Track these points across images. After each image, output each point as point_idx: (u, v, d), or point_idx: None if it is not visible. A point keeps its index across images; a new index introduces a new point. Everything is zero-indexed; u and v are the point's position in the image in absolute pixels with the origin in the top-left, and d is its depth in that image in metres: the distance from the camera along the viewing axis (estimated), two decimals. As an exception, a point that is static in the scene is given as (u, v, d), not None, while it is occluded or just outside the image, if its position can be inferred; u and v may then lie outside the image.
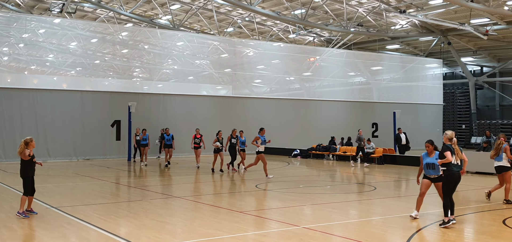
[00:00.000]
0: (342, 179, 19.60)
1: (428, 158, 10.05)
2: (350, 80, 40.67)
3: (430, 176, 10.13)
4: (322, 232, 9.31)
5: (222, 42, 35.37)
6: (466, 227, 9.65)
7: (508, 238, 8.65)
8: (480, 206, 12.02)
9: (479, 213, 11.26)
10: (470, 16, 32.08)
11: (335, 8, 33.62)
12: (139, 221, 10.21)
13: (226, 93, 34.59)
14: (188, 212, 11.73)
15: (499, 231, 9.13)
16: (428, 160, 10.05)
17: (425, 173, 10.21)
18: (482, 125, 42.06)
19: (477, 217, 10.93)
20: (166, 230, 9.41)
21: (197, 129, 21.88)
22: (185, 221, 10.57)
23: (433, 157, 9.97)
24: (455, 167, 9.56)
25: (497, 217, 10.47)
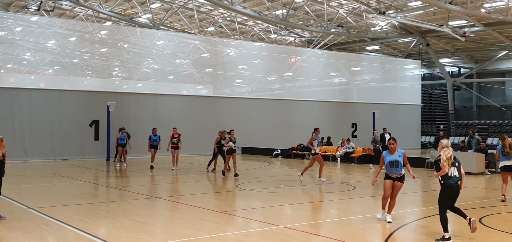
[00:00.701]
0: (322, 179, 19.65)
1: (391, 156, 9.81)
2: (331, 81, 40.91)
3: (392, 175, 9.86)
4: (302, 231, 9.33)
5: (203, 41, 35.24)
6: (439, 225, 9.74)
7: (485, 236, 8.78)
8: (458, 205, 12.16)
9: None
10: (448, 18, 32.53)
11: (316, 9, 33.78)
12: (118, 221, 10.11)
13: (207, 93, 34.47)
14: (168, 212, 11.65)
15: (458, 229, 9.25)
16: (391, 158, 9.80)
17: (387, 172, 9.90)
18: (459, 125, 42.70)
19: (454, 216, 11.06)
20: (146, 230, 9.32)
21: (174, 128, 21.19)
22: (164, 221, 10.49)
23: (396, 154, 9.79)
24: (451, 179, 8.61)
25: (474, 216, 10.60)
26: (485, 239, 8.62)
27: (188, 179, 18.21)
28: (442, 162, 8.51)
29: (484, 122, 41.98)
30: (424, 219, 10.55)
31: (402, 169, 9.83)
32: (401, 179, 9.86)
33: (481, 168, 19.81)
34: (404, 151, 9.91)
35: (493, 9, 30.49)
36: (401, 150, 9.86)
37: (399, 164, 9.78)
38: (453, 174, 8.62)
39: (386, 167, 9.86)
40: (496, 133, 40.17)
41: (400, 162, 9.78)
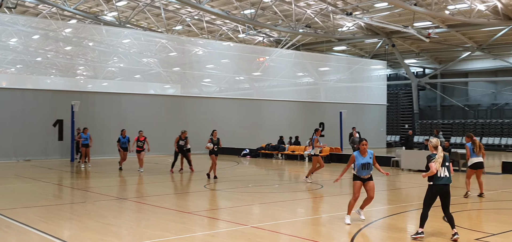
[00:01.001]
0: (290, 178, 19.77)
1: (362, 158, 9.66)
2: (299, 81, 41.16)
3: (363, 177, 9.78)
4: (270, 230, 9.33)
5: (170, 40, 34.90)
6: (408, 223, 9.93)
7: (448, 233, 8.96)
8: (421, 204, 12.39)
9: (421, 210, 11.59)
10: (414, 19, 33.16)
11: (284, 9, 33.92)
12: (83, 223, 9.90)
13: (175, 93, 34.17)
14: (134, 213, 11.48)
15: (439, 227, 9.44)
16: (363, 160, 9.65)
17: (357, 174, 9.73)
18: (424, 124, 43.61)
19: (419, 213, 11.25)
20: (111, 232, 9.16)
21: (140, 131, 20.68)
22: (130, 223, 10.33)
23: (367, 156, 9.68)
24: (441, 180, 8.42)
25: (438, 214, 10.82)
26: (449, 235, 8.78)
27: (155, 180, 17.99)
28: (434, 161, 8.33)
29: (448, 121, 42.98)
30: (390, 217, 10.71)
31: (371, 169, 9.82)
32: (371, 178, 9.87)
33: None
34: (373, 152, 9.90)
35: (456, 11, 31.24)
36: (371, 151, 9.83)
37: (370, 166, 9.74)
38: (443, 174, 8.42)
39: (358, 169, 9.71)
40: (459, 132, 41.23)
41: (371, 164, 9.75)
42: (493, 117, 40.60)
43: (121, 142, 21.24)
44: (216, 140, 17.49)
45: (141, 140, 20.23)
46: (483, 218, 10.90)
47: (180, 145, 19.80)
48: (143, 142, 20.21)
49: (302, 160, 27.21)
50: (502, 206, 12.66)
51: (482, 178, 13.54)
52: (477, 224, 9.98)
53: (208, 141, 17.48)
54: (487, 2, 30.62)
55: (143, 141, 20.22)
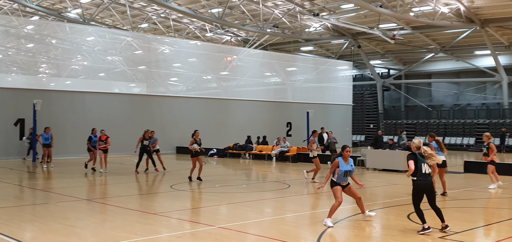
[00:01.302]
0: (257, 178, 19.76)
1: (345, 165, 9.60)
2: (266, 81, 41.24)
3: (343, 183, 9.71)
4: (237, 231, 9.28)
5: (136, 38, 34.38)
6: (374, 222, 10.03)
7: (413, 232, 9.09)
8: (386, 202, 12.58)
9: (386, 208, 11.77)
10: (379, 21, 33.66)
11: (252, 8, 33.91)
12: (45, 225, 9.63)
13: (140, 92, 33.72)
14: (98, 215, 11.24)
15: (404, 226, 9.58)
16: (345, 167, 9.59)
17: (338, 180, 9.65)
18: (388, 124, 44.34)
19: (384, 212, 11.42)
20: (75, 234, 8.95)
21: (102, 130, 20.02)
22: (94, 224, 10.11)
23: (349, 163, 9.65)
24: (424, 177, 8.68)
25: (403, 212, 10.99)
26: (414, 234, 8.91)
27: (120, 180, 17.67)
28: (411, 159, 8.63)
29: (412, 121, 43.82)
30: (356, 215, 10.79)
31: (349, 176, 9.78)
32: (349, 183, 9.86)
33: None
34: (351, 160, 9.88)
35: (421, 13, 31.86)
36: (351, 158, 9.86)
37: (351, 174, 9.73)
38: (427, 171, 8.71)
39: (339, 176, 9.61)
40: (423, 132, 42.06)
41: (352, 172, 9.72)
42: (456, 118, 41.61)
43: (93, 141, 20.17)
44: (199, 141, 16.80)
45: (103, 139, 19.58)
46: (446, 216, 11.08)
47: (144, 145, 19.45)
48: (105, 141, 19.53)
49: (270, 160, 27.25)
50: (465, 205, 12.95)
51: (445, 177, 13.83)
52: (440, 222, 10.15)
53: (191, 142, 16.69)
54: (450, 4, 31.35)
55: (104, 140, 19.55)
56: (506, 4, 30.54)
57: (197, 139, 16.73)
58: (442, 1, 30.75)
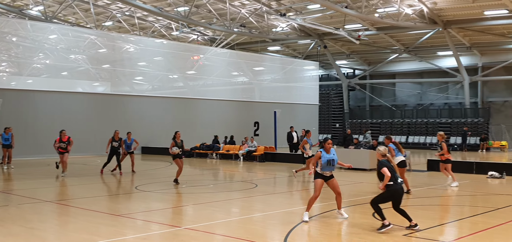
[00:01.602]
0: (225, 178, 19.68)
1: (328, 155, 9.80)
2: (234, 80, 41.16)
3: (327, 173, 9.92)
4: (204, 231, 9.19)
5: (99, 36, 33.73)
6: (340, 220, 10.10)
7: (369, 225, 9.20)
8: (352, 200, 12.71)
9: (352, 206, 11.89)
10: (344, 22, 34.05)
11: (219, 7, 33.77)
12: (5, 228, 9.32)
13: (104, 91, 33.14)
14: (61, 217, 10.97)
15: (370, 224, 9.68)
16: (328, 156, 9.78)
17: (322, 170, 9.85)
18: (354, 123, 44.92)
19: (350, 210, 11.52)
20: (36, 237, 8.69)
21: (62, 131, 18.62)
22: (57, 226, 9.86)
23: (331, 153, 9.85)
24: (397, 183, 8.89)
25: (368, 211, 11.10)
26: (372, 229, 9.02)
27: (83, 182, 17.27)
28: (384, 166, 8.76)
29: (376, 121, 44.51)
30: (322, 214, 10.86)
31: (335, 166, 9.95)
32: (333, 176, 10.01)
33: (373, 164, 20.87)
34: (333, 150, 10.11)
35: (385, 14, 32.38)
36: (333, 149, 10.02)
37: (334, 162, 9.89)
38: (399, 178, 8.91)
39: (323, 166, 9.80)
40: (387, 131, 42.80)
41: (336, 160, 9.89)
42: (419, 117, 42.48)
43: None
44: (180, 143, 16.03)
45: (64, 140, 18.30)
46: (410, 214, 11.29)
47: (113, 146, 19.01)
48: (66, 143, 18.27)
49: (237, 160, 27.19)
50: (428, 202, 13.20)
51: (406, 175, 14.07)
52: (405, 220, 10.31)
53: (172, 144, 15.95)
54: (414, 6, 31.97)
55: (66, 141, 18.29)
56: (467, 6, 31.36)
57: (178, 141, 15.96)
58: (406, 2, 31.33)
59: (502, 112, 40.35)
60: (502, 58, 38.82)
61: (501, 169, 18.43)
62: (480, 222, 10.02)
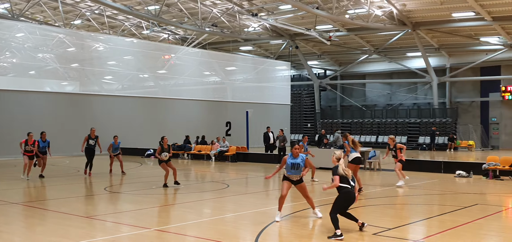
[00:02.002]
0: (196, 178, 19.57)
1: (293, 159, 9.99)
2: (205, 80, 40.98)
3: (292, 177, 10.06)
4: (174, 233, 9.11)
5: (68, 35, 33.10)
6: (308, 220, 10.16)
7: (349, 228, 9.28)
8: (323, 200, 12.78)
9: (323, 206, 11.95)
10: (316, 23, 34.26)
11: (190, 6, 33.56)
12: (-33, 232, 9.04)
13: (73, 90, 32.56)
14: (28, 219, 10.71)
15: (340, 223, 9.74)
16: (293, 160, 9.99)
17: (287, 173, 10.07)
18: (325, 123, 45.27)
19: (321, 210, 11.58)
20: (3, 239, 8.47)
21: (30, 133, 17.76)
22: (24, 229, 9.63)
23: (298, 158, 10.00)
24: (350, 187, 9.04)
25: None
26: (349, 231, 9.09)
27: (52, 183, 16.92)
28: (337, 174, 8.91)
29: (347, 121, 44.97)
30: (293, 214, 10.90)
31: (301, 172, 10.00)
32: (301, 180, 10.12)
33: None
34: (305, 156, 10.29)
35: (355, 16, 32.72)
36: (303, 155, 10.19)
37: (299, 167, 9.98)
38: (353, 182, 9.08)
39: (287, 168, 10.06)
40: (357, 130, 43.30)
41: (301, 166, 9.99)
42: (388, 117, 43.09)
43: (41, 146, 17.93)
44: (167, 148, 15.51)
45: (30, 143, 17.48)
46: (379, 213, 11.45)
47: (90, 144, 18.59)
48: (32, 145, 17.51)
49: (209, 160, 27.08)
50: (397, 201, 13.40)
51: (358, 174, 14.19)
52: (374, 219, 10.44)
53: (158, 149, 15.42)
54: (384, 8, 32.41)
55: (32, 144, 17.53)
56: (436, 7, 31.96)
57: (165, 146, 15.45)
58: (376, 4, 31.74)
59: (470, 112, 41.29)
60: (469, 60, 39.71)
61: (468, 168, 18.84)
62: (448, 221, 10.21)
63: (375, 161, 21.13)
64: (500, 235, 9.20)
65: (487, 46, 37.90)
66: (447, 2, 30.67)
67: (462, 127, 39.89)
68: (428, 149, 36.85)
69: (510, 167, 17.47)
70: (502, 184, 16.44)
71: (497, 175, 17.52)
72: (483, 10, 30.44)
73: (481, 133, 39.07)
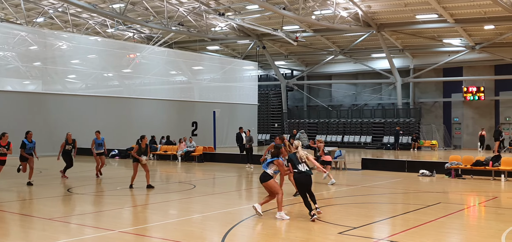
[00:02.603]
0: (161, 179, 19.35)
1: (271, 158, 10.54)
2: (172, 79, 40.62)
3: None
4: (139, 234, 8.97)
5: (30, 33, 32.27)
6: (278, 219, 10.15)
7: (314, 228, 9.33)
8: (290, 199, 12.82)
9: (290, 205, 11.99)
10: (283, 23, 34.41)
11: (156, 5, 33.18)
12: None
13: (35, 89, 31.75)
14: (-14, 222, 10.34)
15: (306, 222, 9.80)
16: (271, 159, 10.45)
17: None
18: (292, 123, 45.53)
19: (287, 209, 11.62)
20: (-44, 245, 8.15)
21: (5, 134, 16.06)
22: (-19, 233, 9.27)
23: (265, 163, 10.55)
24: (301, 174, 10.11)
25: (305, 209, 11.25)
26: (315, 230, 9.14)
27: (12, 185, 16.41)
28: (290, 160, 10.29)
29: (313, 121, 45.34)
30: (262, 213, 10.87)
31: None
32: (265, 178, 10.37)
33: (310, 164, 21.17)
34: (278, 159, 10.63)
35: (322, 17, 33.01)
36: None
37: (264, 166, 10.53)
38: (303, 169, 10.11)
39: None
40: (324, 130, 43.72)
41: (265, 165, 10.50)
42: (354, 117, 43.65)
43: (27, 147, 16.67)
44: (144, 148, 14.87)
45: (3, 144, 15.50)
46: (344, 212, 11.56)
47: (67, 149, 17.84)
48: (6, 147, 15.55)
49: (175, 160, 26.84)
50: (362, 200, 13.56)
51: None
52: (340, 218, 10.54)
53: (135, 148, 14.81)
54: (349, 9, 32.79)
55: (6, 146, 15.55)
56: (400, 9, 32.54)
57: (143, 146, 14.74)
58: (342, 5, 32.09)
59: (433, 112, 42.24)
60: (432, 61, 40.60)
61: (431, 167, 19.24)
62: (412, 219, 10.39)
63: (341, 160, 21.35)
64: (461, 233, 9.42)
65: (449, 47, 38.84)
66: (411, 4, 31.28)
67: (425, 127, 40.76)
68: (393, 148, 37.51)
69: (471, 166, 17.92)
70: (464, 182, 16.85)
71: (459, 174, 17.93)
72: (446, 12, 31.18)
73: (444, 133, 40.02)
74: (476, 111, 39.99)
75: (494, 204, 12.70)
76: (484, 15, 31.60)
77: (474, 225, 10.44)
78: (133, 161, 14.97)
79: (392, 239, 8.71)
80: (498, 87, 39.10)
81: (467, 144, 39.62)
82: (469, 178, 17.59)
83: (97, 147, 18.53)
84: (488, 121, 38.96)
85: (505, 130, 37.33)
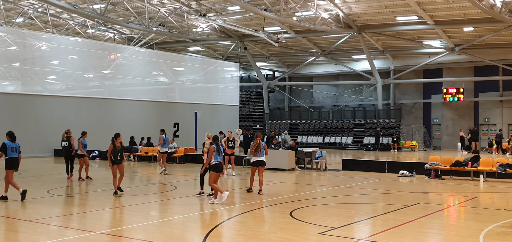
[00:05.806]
0: (142, 180, 19.24)
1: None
2: (153, 80, 40.38)
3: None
4: (119, 236, 8.92)
5: (9, 33, 31.80)
6: (259, 220, 10.19)
7: (295, 228, 9.38)
8: (271, 200, 12.87)
9: (270, 206, 12.03)
10: (264, 24, 34.48)
11: (136, 5, 32.96)
12: None
13: (15, 90, 31.30)
14: (-37, 225, 10.17)
15: (287, 223, 9.85)
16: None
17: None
18: (274, 124, 45.63)
19: (269, 210, 11.67)
20: None
21: None
22: (-43, 236, 9.12)
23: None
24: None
25: (286, 210, 11.31)
26: (295, 230, 9.19)
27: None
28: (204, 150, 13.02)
29: (295, 122, 45.50)
30: (241, 215, 10.90)
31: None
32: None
33: (292, 164, 21.32)
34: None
35: (303, 18, 33.16)
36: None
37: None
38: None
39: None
40: (305, 131, 43.91)
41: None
42: (335, 118, 43.91)
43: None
44: (119, 147, 14.12)
45: None
46: (325, 213, 11.63)
47: (63, 146, 17.59)
48: None
49: (156, 162, 26.66)
50: (343, 201, 13.66)
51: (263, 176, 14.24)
52: (320, 219, 10.61)
53: (110, 147, 13.96)
54: (330, 11, 33.00)
55: None
56: (381, 11, 32.85)
57: (117, 145, 14.00)
58: (323, 7, 32.27)
59: (412, 113, 42.72)
60: (412, 62, 41.07)
61: (411, 168, 19.46)
62: (391, 219, 10.50)
63: (322, 161, 21.46)
64: (440, 232, 9.55)
65: (429, 49, 39.32)
66: (391, 6, 31.61)
67: (405, 128, 41.19)
68: (373, 149, 37.84)
69: (451, 167, 18.17)
70: (443, 183, 17.08)
71: (438, 174, 18.17)
72: (426, 14, 31.58)
73: (424, 134, 40.50)
74: (456, 112, 40.56)
75: (473, 204, 12.91)
76: (463, 17, 32.08)
77: (453, 225, 10.60)
78: (113, 164, 14.09)
79: (372, 239, 8.80)
80: (477, 88, 39.70)
81: (446, 145, 40.15)
82: (449, 179, 17.84)
83: (84, 148, 18.23)
84: (467, 122, 39.55)
85: (483, 131, 37.95)
